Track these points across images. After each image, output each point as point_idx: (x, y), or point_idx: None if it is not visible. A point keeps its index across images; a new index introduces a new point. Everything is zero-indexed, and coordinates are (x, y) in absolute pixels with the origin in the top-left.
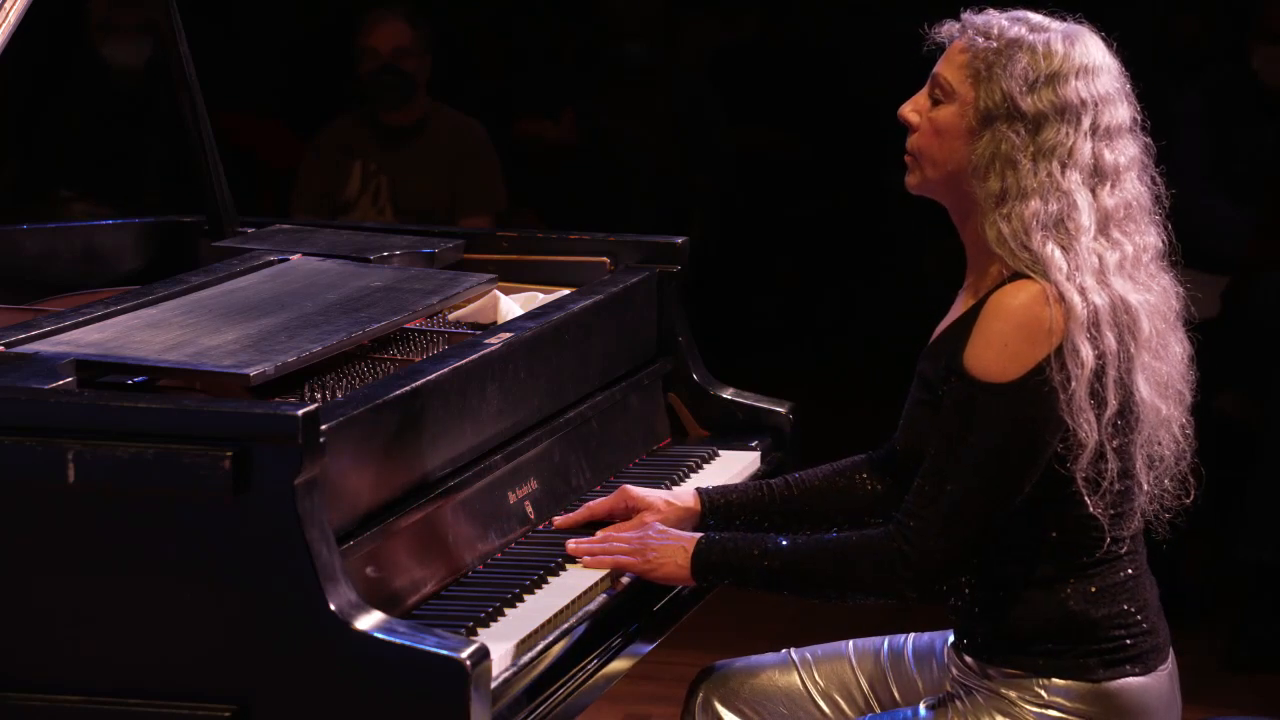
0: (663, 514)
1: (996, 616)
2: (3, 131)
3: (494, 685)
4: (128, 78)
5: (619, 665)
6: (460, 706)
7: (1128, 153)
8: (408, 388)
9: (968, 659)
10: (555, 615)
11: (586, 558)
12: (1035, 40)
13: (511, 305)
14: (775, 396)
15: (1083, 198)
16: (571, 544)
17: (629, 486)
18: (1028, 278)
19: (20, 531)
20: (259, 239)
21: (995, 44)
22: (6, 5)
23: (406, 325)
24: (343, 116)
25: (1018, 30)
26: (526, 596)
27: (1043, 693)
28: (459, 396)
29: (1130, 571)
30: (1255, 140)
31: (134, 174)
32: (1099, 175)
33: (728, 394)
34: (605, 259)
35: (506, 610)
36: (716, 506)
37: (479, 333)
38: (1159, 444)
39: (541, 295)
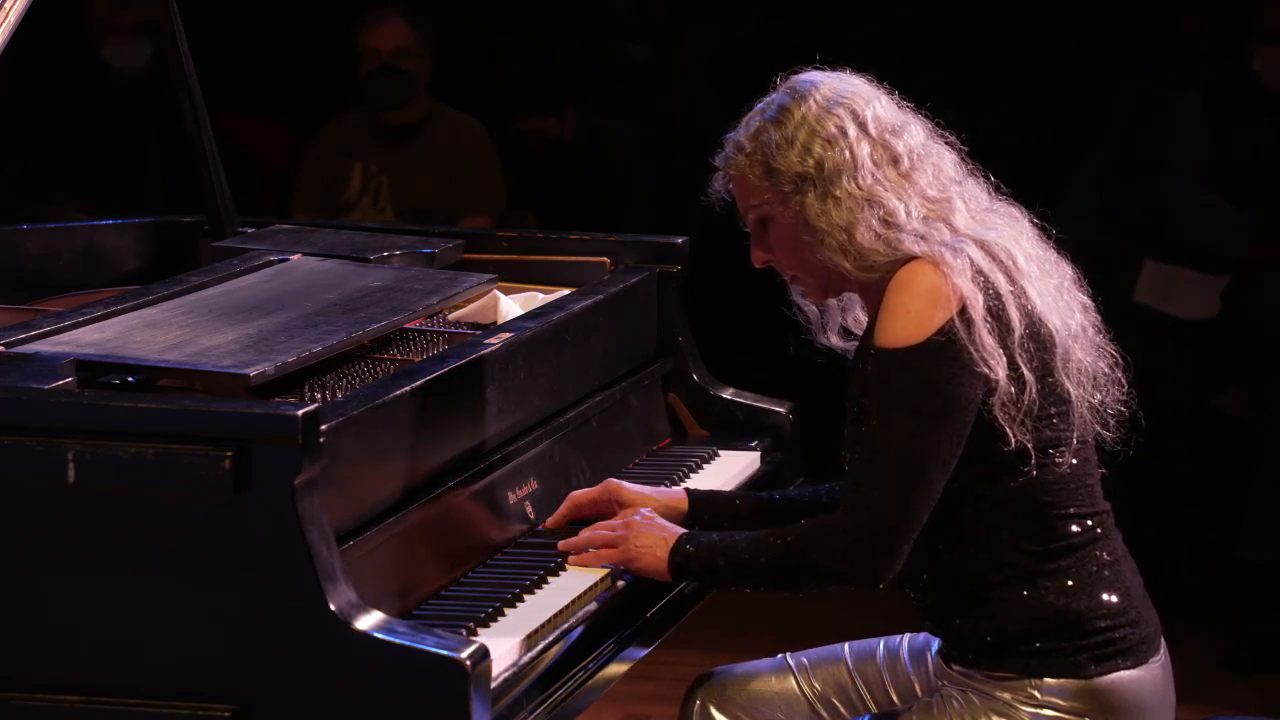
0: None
1: (978, 621)
2: (3, 131)
3: (494, 685)
4: (128, 78)
5: (619, 664)
6: (460, 706)
7: (914, 129)
8: (408, 388)
9: (955, 667)
10: (555, 615)
11: (573, 554)
12: (770, 116)
13: (511, 305)
14: (775, 396)
15: (884, 190)
16: (562, 544)
17: (615, 480)
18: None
19: (20, 531)
20: (259, 239)
21: (748, 149)
22: (7, 5)
23: (406, 325)
24: (343, 116)
25: (753, 124)
26: (526, 596)
27: (1036, 693)
28: (459, 396)
29: (1106, 557)
30: (1255, 140)
31: (134, 174)
32: (895, 161)
33: (728, 394)
34: (605, 259)
35: (506, 610)
36: (700, 513)
37: (479, 333)
38: (1079, 352)
39: (541, 295)
